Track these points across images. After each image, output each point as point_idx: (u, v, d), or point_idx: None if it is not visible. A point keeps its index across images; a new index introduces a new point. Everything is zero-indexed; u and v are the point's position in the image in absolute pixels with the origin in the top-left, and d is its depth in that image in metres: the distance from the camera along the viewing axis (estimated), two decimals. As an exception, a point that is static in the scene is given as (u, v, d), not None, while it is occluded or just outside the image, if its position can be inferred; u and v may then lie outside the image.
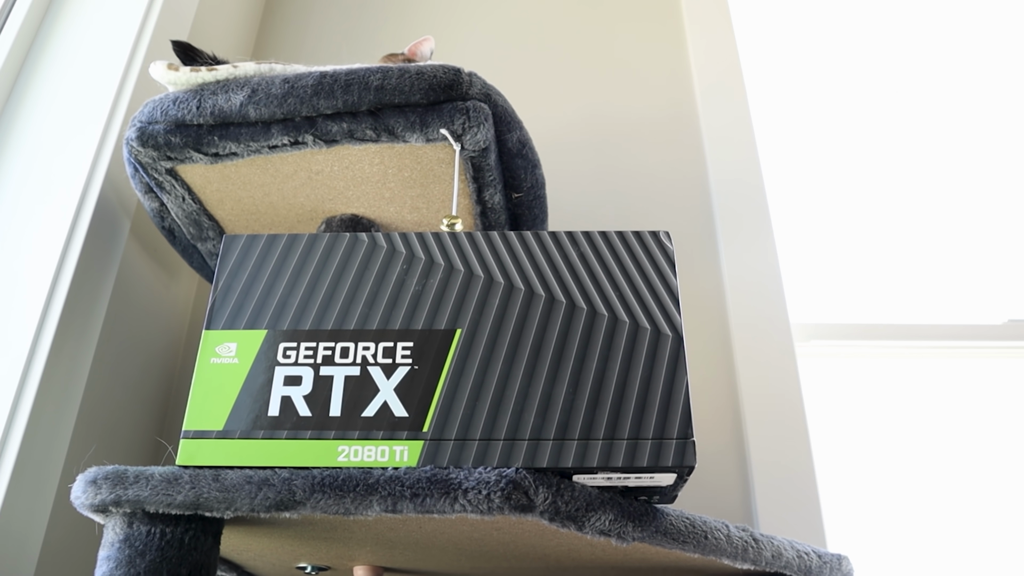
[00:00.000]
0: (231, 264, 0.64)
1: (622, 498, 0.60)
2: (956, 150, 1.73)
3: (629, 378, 0.58)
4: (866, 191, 1.66)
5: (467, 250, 0.63)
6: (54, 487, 0.89)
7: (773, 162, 1.67)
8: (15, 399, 0.87)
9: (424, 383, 0.58)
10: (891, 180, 1.68)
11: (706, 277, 1.38)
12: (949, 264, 1.61)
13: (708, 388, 1.28)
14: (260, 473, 0.56)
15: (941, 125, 1.76)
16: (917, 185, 1.68)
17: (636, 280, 0.62)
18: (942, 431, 1.43)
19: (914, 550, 1.33)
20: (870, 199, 1.65)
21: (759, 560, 0.74)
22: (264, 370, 0.60)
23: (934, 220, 1.65)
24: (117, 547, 0.56)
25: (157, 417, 1.15)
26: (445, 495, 0.54)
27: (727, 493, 1.21)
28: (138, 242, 1.10)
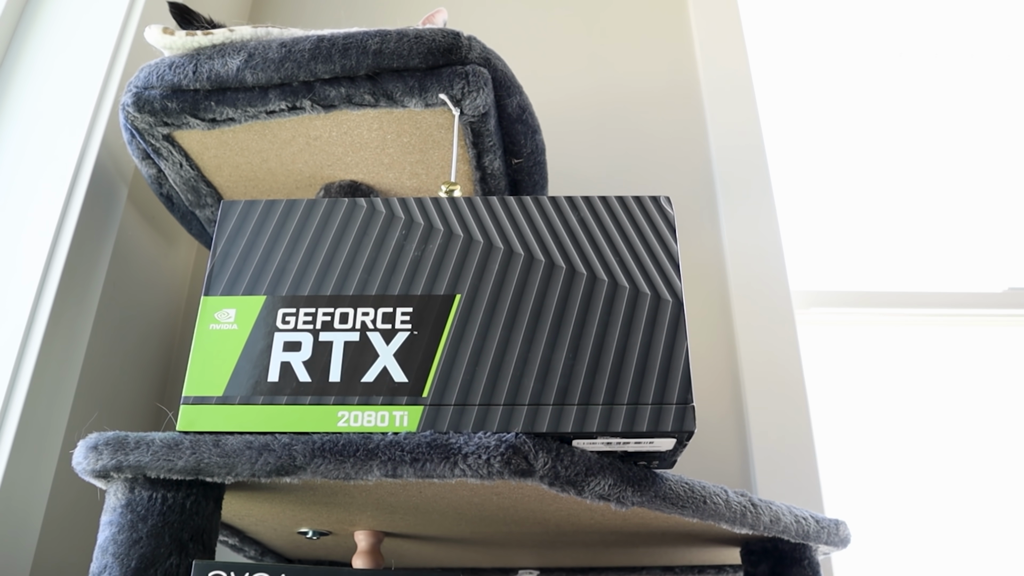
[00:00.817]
0: (229, 230, 0.64)
1: (621, 463, 0.61)
2: (959, 118, 1.72)
3: (629, 343, 0.58)
4: (868, 158, 1.65)
5: (466, 215, 0.63)
6: (56, 453, 0.90)
7: (775, 128, 1.66)
8: (15, 367, 0.87)
9: (424, 348, 0.58)
10: (893, 147, 1.67)
11: (706, 243, 1.37)
12: (950, 232, 1.60)
13: (707, 355, 1.28)
14: (260, 438, 0.56)
15: (944, 93, 1.74)
16: (919, 152, 1.67)
17: (636, 245, 0.61)
18: (941, 399, 1.43)
19: (912, 517, 1.34)
20: (872, 166, 1.64)
21: (757, 525, 0.75)
22: (263, 336, 0.60)
23: (935, 187, 1.64)
24: (119, 512, 0.57)
25: (157, 383, 1.15)
26: (445, 460, 0.54)
27: (726, 460, 1.21)
28: (136, 209, 1.09)
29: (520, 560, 0.99)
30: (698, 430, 1.23)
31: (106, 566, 0.55)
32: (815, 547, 0.88)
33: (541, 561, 1.01)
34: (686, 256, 1.36)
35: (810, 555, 0.88)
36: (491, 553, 0.94)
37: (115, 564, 0.55)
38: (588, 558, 0.98)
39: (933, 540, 1.33)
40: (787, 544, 0.87)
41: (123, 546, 0.55)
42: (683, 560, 1.00)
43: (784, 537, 0.80)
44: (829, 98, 1.71)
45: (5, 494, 0.82)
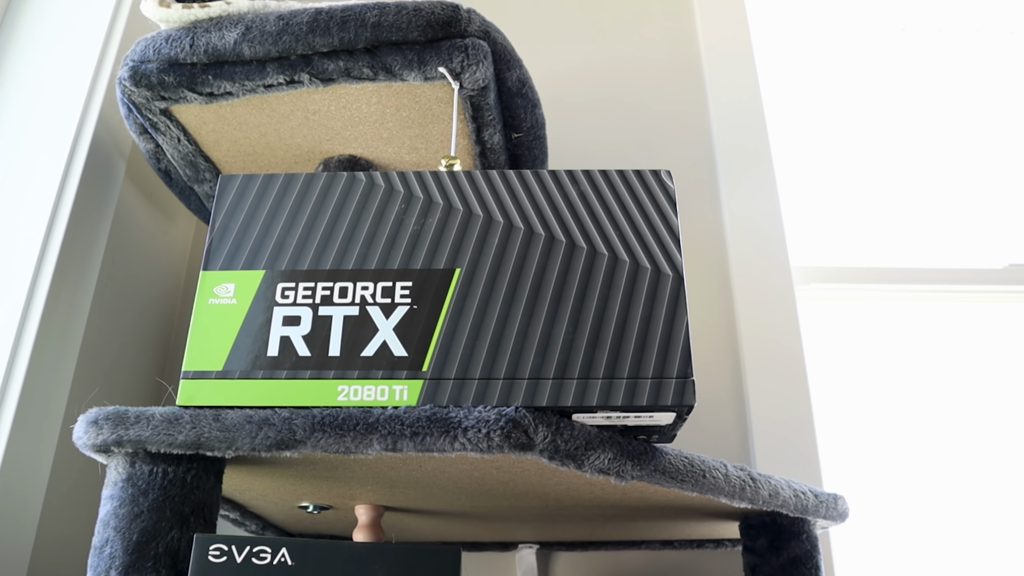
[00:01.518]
0: (227, 204, 0.63)
1: (621, 437, 0.61)
2: (961, 92, 1.71)
3: (629, 317, 0.58)
4: (869, 134, 1.64)
5: (466, 189, 0.63)
6: (57, 428, 0.90)
7: (776, 102, 1.65)
8: (14, 343, 0.87)
9: (423, 322, 0.58)
10: (895, 122, 1.66)
11: (706, 218, 1.37)
12: (950, 208, 1.60)
13: (707, 330, 1.28)
14: (260, 413, 0.56)
15: (947, 68, 1.73)
16: (920, 128, 1.66)
17: (636, 219, 0.61)
18: (941, 375, 1.43)
19: (910, 492, 1.35)
20: (873, 142, 1.64)
21: (756, 499, 0.75)
22: (263, 310, 0.59)
23: (936, 163, 1.63)
24: (120, 486, 0.57)
25: (158, 359, 1.15)
26: (445, 434, 0.54)
27: (725, 435, 1.22)
28: (134, 185, 1.09)
29: (520, 534, 1.00)
30: (697, 405, 1.23)
31: (108, 540, 0.55)
32: (813, 521, 0.88)
33: (541, 535, 1.01)
34: (686, 231, 1.36)
35: (808, 529, 0.88)
36: (491, 527, 0.94)
37: (117, 538, 0.55)
38: (588, 532, 0.99)
39: (931, 516, 1.34)
40: (786, 518, 0.87)
41: (124, 520, 0.55)
42: (682, 534, 1.01)
43: (783, 511, 0.81)
44: (831, 72, 1.70)
45: (7, 469, 0.82)
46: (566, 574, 1.13)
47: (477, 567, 1.13)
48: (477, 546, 1.09)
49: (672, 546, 1.07)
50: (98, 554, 0.55)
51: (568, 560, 1.14)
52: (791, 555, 0.86)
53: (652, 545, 1.07)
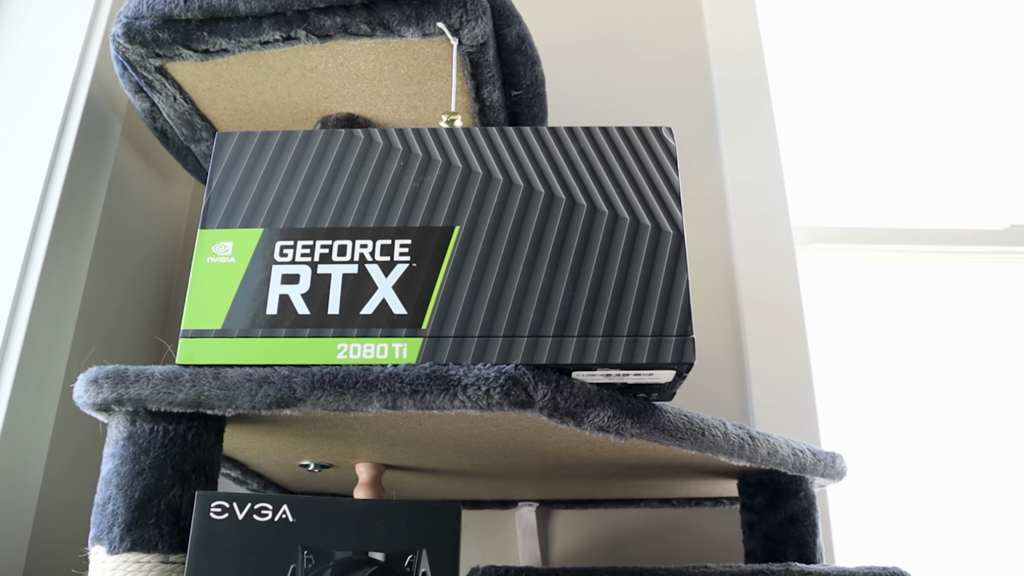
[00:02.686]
0: (225, 162, 0.63)
1: (621, 395, 0.61)
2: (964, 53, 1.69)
3: (629, 275, 0.58)
4: (872, 93, 1.63)
5: (465, 146, 0.62)
6: (58, 388, 0.90)
7: (779, 61, 1.63)
8: (13, 304, 0.86)
9: (423, 280, 0.58)
10: (898, 82, 1.64)
11: (707, 177, 1.36)
12: (952, 168, 1.59)
13: (706, 289, 1.28)
14: (260, 371, 0.56)
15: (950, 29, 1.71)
16: (923, 88, 1.65)
17: (637, 176, 0.61)
18: (942, 336, 1.43)
19: (908, 453, 1.35)
20: (875, 101, 1.62)
21: (755, 457, 0.75)
22: (261, 269, 0.59)
23: (939, 123, 1.62)
24: (121, 445, 0.57)
25: (158, 318, 1.15)
26: (444, 391, 0.54)
27: (724, 394, 1.22)
28: (131, 145, 1.08)
29: (520, 492, 1.01)
30: (696, 365, 1.23)
31: (110, 497, 0.56)
32: (811, 479, 0.89)
33: (540, 493, 1.02)
34: (686, 190, 1.35)
35: (806, 487, 0.89)
36: (491, 485, 0.95)
37: (119, 495, 0.55)
38: (587, 490, 0.99)
39: (928, 475, 1.34)
40: (784, 476, 0.88)
41: (126, 478, 0.56)
42: (681, 492, 1.01)
43: (781, 469, 0.81)
44: (834, 31, 1.68)
45: (9, 428, 0.83)
46: (565, 532, 1.14)
47: (477, 525, 1.14)
48: (477, 504, 1.10)
49: (671, 504, 1.08)
50: (101, 511, 0.56)
51: (567, 518, 1.15)
52: (788, 513, 0.87)
53: (651, 503, 1.08)
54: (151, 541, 0.54)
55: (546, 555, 1.13)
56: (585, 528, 1.14)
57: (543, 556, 1.12)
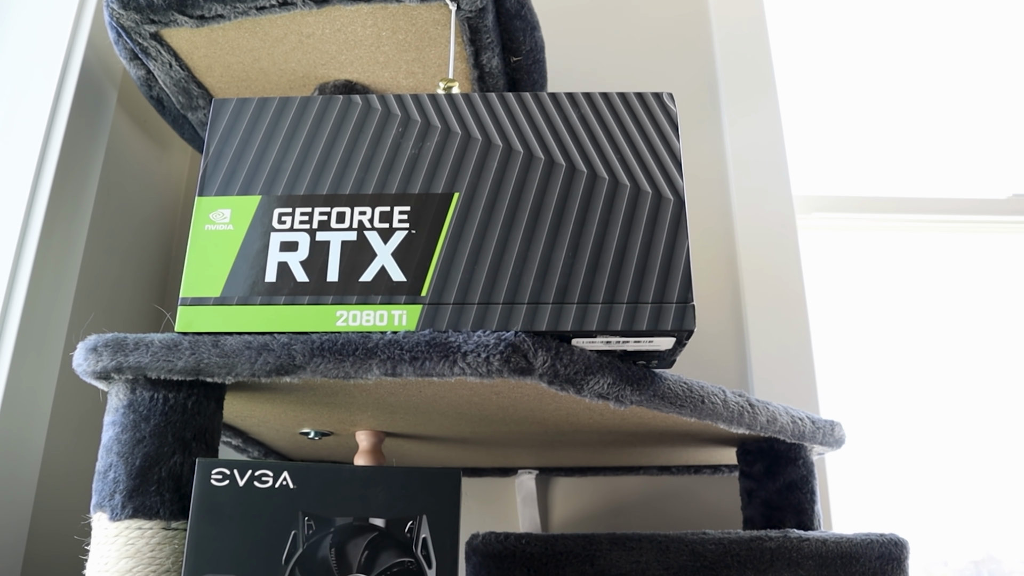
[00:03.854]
0: (222, 129, 0.62)
1: (620, 362, 0.61)
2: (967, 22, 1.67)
3: (629, 242, 0.57)
4: (874, 61, 1.61)
5: (464, 112, 0.61)
6: (58, 356, 0.90)
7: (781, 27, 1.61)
8: (12, 273, 0.86)
9: (422, 247, 0.58)
10: (900, 50, 1.63)
11: (707, 144, 1.35)
12: (954, 137, 1.58)
13: (706, 258, 1.28)
14: (259, 338, 0.56)
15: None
16: (926, 56, 1.63)
17: (637, 142, 0.60)
18: (943, 306, 1.43)
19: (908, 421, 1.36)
20: (878, 69, 1.61)
21: (754, 425, 0.75)
22: (260, 236, 0.59)
23: (941, 92, 1.61)
24: (122, 413, 0.57)
25: (157, 286, 1.15)
26: (444, 358, 0.54)
27: (723, 363, 1.22)
28: (127, 113, 1.07)
29: (519, 460, 1.01)
30: (696, 333, 1.23)
31: (111, 465, 0.56)
32: (810, 447, 0.89)
33: (540, 461, 1.02)
34: (686, 158, 1.34)
35: (805, 455, 0.89)
36: (491, 453, 0.95)
37: (120, 463, 0.55)
38: (586, 458, 1.00)
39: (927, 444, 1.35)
40: (782, 444, 0.88)
41: (127, 445, 0.56)
42: (680, 460, 1.02)
43: (780, 437, 0.82)
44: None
45: (10, 396, 0.83)
46: (565, 499, 1.15)
47: (477, 492, 1.14)
48: (477, 472, 1.10)
49: (670, 472, 1.08)
50: (102, 478, 0.56)
51: (567, 485, 1.16)
52: (787, 480, 0.87)
53: (650, 471, 1.09)
54: (153, 508, 0.54)
55: (546, 522, 1.14)
56: (585, 495, 1.15)
57: (543, 523, 1.13)
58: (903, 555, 0.76)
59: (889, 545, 0.76)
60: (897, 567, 0.76)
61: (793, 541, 0.72)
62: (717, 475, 1.14)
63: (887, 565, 0.75)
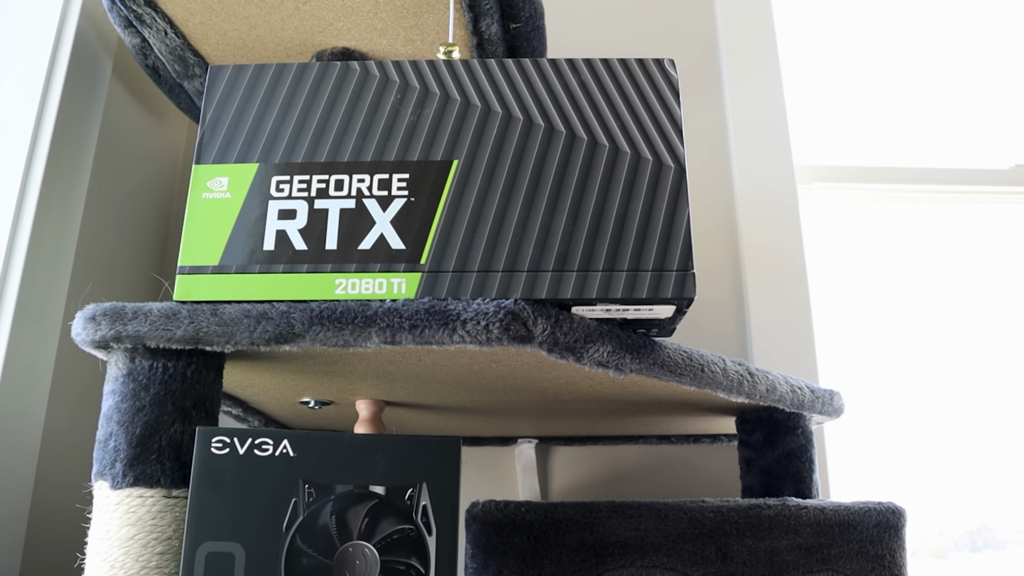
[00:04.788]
0: (218, 96, 0.62)
1: (620, 330, 0.61)
2: (975, -17, 1.65)
3: (630, 209, 0.57)
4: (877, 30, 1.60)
5: (463, 79, 0.61)
6: (58, 326, 0.90)
7: (783, -3, 1.60)
8: (9, 242, 0.86)
9: (421, 215, 0.57)
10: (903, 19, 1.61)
11: (708, 112, 1.34)
12: (957, 107, 1.57)
13: (707, 227, 1.28)
14: (258, 307, 0.56)
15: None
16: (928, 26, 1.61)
17: (638, 109, 0.60)
18: (944, 277, 1.43)
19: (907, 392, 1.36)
20: (880, 38, 1.59)
21: (754, 394, 0.76)
22: (257, 204, 0.58)
23: (944, 61, 1.59)
24: (121, 381, 0.57)
25: (155, 255, 1.15)
26: (443, 326, 0.54)
27: (723, 332, 1.22)
28: (122, 83, 1.06)
29: (519, 429, 1.02)
30: (696, 302, 1.23)
31: (112, 433, 0.56)
32: (809, 416, 0.89)
33: (540, 430, 1.03)
34: (687, 126, 1.33)
35: (804, 424, 0.89)
36: (491, 422, 0.96)
37: (120, 432, 0.55)
38: (586, 427, 1.00)
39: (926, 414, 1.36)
40: (781, 413, 0.88)
41: (127, 414, 0.56)
42: (679, 429, 1.02)
43: (779, 406, 0.82)
44: (840, -36, 1.64)
45: (10, 366, 0.83)
46: (564, 468, 1.15)
47: (477, 461, 1.15)
48: (477, 441, 1.11)
49: (669, 441, 1.09)
50: (103, 447, 0.56)
51: (566, 454, 1.16)
52: (786, 449, 0.88)
53: (649, 440, 1.09)
54: (153, 476, 0.55)
55: (545, 491, 1.14)
56: (584, 464, 1.16)
57: (542, 492, 1.14)
58: (900, 523, 0.76)
59: (887, 513, 0.76)
60: (894, 535, 0.76)
61: (791, 509, 0.73)
62: (716, 444, 1.14)
63: (884, 533, 0.76)
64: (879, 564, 0.74)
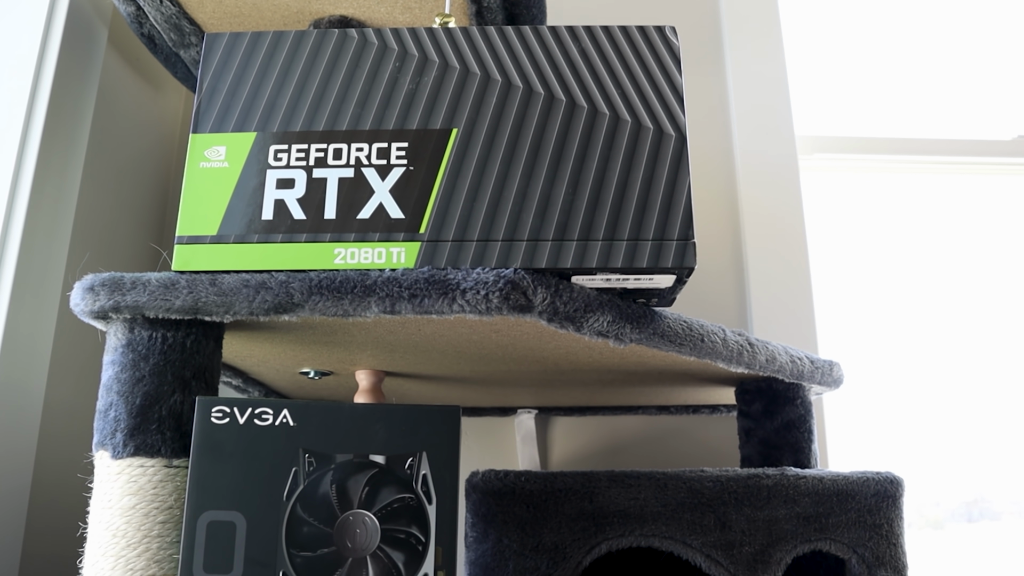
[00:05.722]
0: (215, 64, 0.61)
1: (620, 300, 0.60)
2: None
3: (630, 178, 0.56)
4: None
5: (463, 47, 0.60)
6: (57, 297, 0.90)
7: (785, -35, 1.58)
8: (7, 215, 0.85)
9: (420, 184, 0.57)
10: (909, -16, 1.59)
11: (709, 81, 1.33)
12: (959, 78, 1.55)
13: (707, 198, 1.27)
14: (257, 276, 0.56)
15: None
16: (935, -10, 1.60)
17: (639, 77, 0.59)
18: (946, 248, 1.43)
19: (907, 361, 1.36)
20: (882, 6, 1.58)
21: (753, 364, 0.76)
22: (256, 173, 0.58)
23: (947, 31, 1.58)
24: (120, 352, 0.57)
25: (154, 225, 1.14)
26: (443, 296, 0.53)
27: (723, 302, 1.22)
28: (118, 52, 1.05)
29: (519, 399, 1.02)
30: (696, 273, 1.23)
31: (112, 404, 0.56)
32: (808, 387, 0.89)
33: (539, 400, 1.03)
34: (688, 96, 1.32)
35: (803, 394, 0.89)
36: (491, 392, 0.96)
37: (120, 402, 0.55)
38: (586, 397, 1.00)
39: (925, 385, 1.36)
40: (781, 384, 0.88)
41: (127, 384, 0.56)
42: (679, 400, 1.03)
43: (779, 377, 0.82)
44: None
45: (10, 338, 0.83)
46: (564, 438, 1.16)
47: (477, 431, 1.15)
48: (477, 411, 1.11)
49: (668, 411, 1.09)
50: (103, 417, 0.56)
51: (566, 425, 1.16)
52: (785, 419, 0.88)
53: (649, 410, 1.10)
54: (154, 446, 0.55)
55: (545, 461, 1.15)
56: (584, 435, 1.16)
57: (542, 462, 1.14)
58: (898, 493, 0.77)
59: (885, 483, 0.77)
60: (892, 504, 0.76)
61: (790, 479, 0.73)
62: (715, 415, 1.14)
63: (882, 502, 0.76)
64: (877, 533, 0.75)
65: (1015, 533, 1.33)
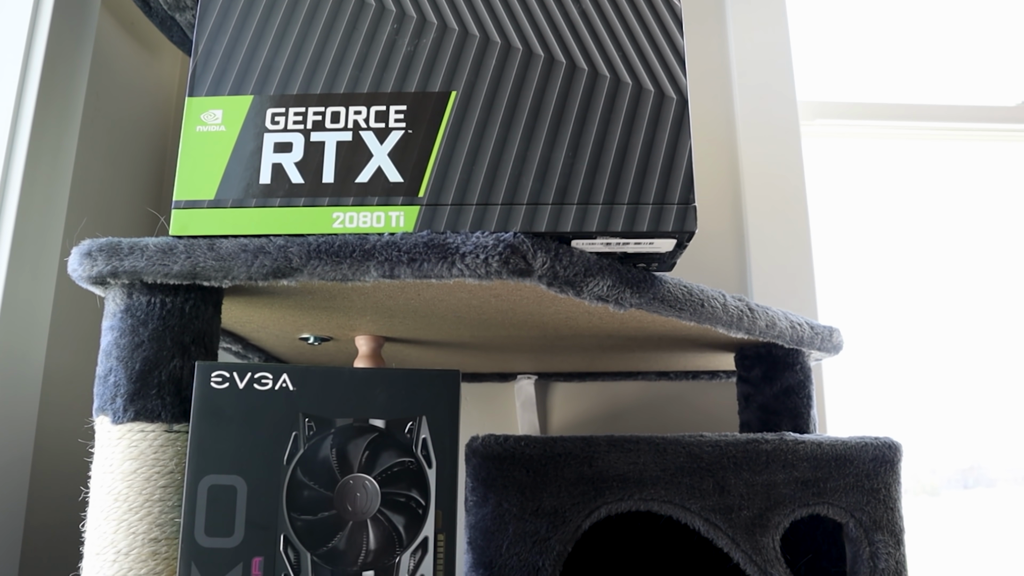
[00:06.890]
0: (211, 26, 0.60)
1: (620, 264, 0.60)
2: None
3: (631, 141, 0.56)
4: (886, -41, 1.56)
5: (462, 8, 0.59)
6: (55, 263, 0.89)
7: (789, -74, 1.55)
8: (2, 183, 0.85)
9: (419, 147, 0.56)
10: (914, -54, 1.57)
11: (710, 44, 1.32)
12: (963, 43, 1.54)
13: (708, 162, 1.26)
14: (255, 241, 0.56)
15: None
16: (941, -48, 1.58)
17: (640, 39, 0.58)
18: (948, 215, 1.42)
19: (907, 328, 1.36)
20: (890, -32, 1.56)
21: (753, 329, 0.76)
22: (253, 137, 0.58)
23: (955, -9, 1.56)
24: (119, 317, 0.57)
25: (151, 190, 1.14)
26: (442, 259, 0.53)
27: (723, 268, 1.22)
28: (112, 16, 1.03)
29: (519, 365, 1.02)
30: (696, 238, 1.23)
31: (111, 369, 0.56)
32: (808, 353, 0.89)
33: (539, 366, 1.03)
34: (689, 59, 1.31)
35: (803, 360, 0.89)
36: (490, 358, 0.96)
37: (120, 367, 0.55)
38: (585, 363, 1.00)
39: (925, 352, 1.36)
40: (781, 349, 0.89)
41: (126, 350, 0.56)
42: (678, 365, 1.03)
43: (778, 342, 0.82)
44: None
45: (8, 303, 0.83)
46: (564, 404, 1.16)
47: (477, 397, 1.16)
48: (477, 377, 1.11)
49: (668, 377, 1.09)
50: (103, 383, 0.56)
51: (566, 390, 1.17)
52: (784, 385, 0.88)
53: (648, 376, 1.10)
54: (154, 411, 0.55)
55: (544, 427, 1.15)
56: (583, 400, 1.17)
57: (541, 428, 1.15)
58: (896, 458, 0.77)
59: (883, 448, 0.77)
60: (890, 469, 0.77)
61: (789, 444, 0.73)
62: (715, 380, 1.15)
63: (880, 467, 0.76)
64: (874, 498, 0.75)
65: (1010, 500, 1.34)
